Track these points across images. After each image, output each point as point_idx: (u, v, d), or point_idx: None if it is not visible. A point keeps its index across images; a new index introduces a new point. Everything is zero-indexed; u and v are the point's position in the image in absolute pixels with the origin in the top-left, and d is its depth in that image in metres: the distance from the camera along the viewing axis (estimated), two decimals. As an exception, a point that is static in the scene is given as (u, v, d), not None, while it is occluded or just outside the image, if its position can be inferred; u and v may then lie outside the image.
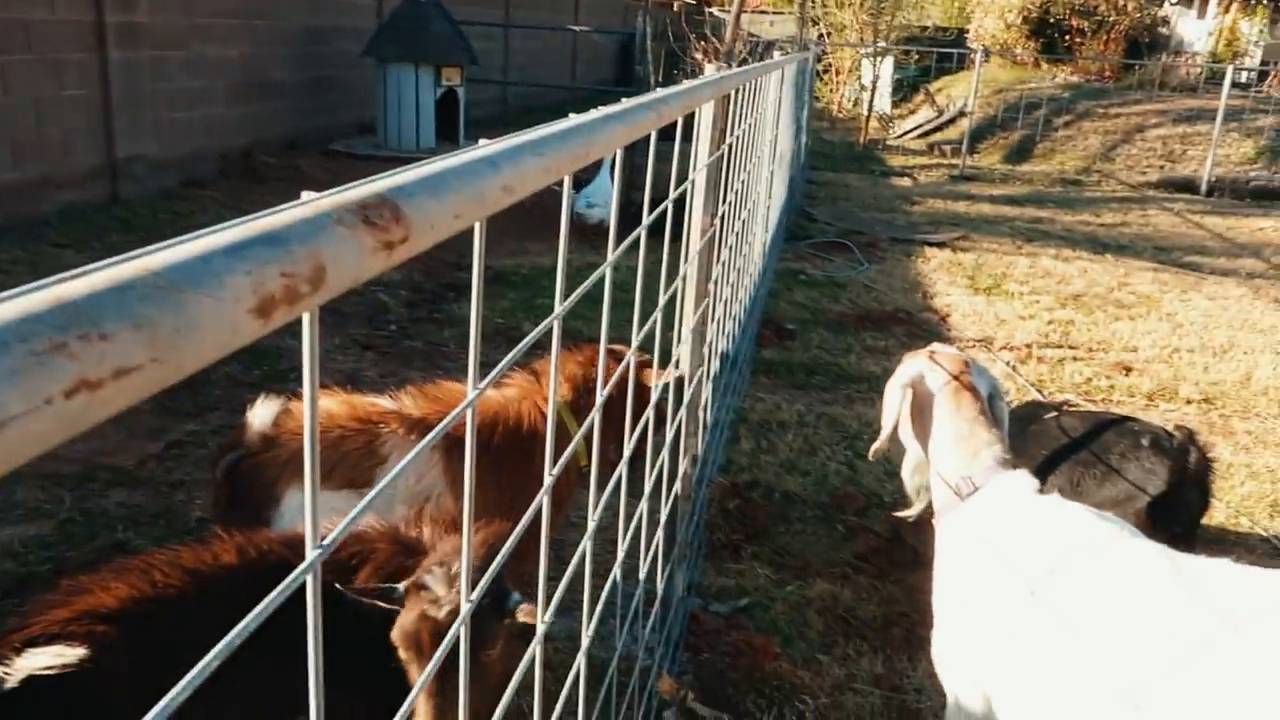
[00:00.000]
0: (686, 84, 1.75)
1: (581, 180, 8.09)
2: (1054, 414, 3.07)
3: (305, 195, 0.51)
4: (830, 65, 18.41)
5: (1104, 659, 1.64)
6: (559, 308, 1.05)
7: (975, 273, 7.48)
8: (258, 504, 2.25)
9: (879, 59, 16.50)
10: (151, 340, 0.35)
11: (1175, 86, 16.22)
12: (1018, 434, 3.11)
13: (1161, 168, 13.29)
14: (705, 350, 2.75)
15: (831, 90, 18.50)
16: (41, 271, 5.53)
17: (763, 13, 25.01)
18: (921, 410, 2.21)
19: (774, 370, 5.15)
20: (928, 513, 2.57)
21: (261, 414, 2.32)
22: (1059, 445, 2.88)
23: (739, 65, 9.38)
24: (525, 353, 0.95)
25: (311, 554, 0.59)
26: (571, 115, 1.05)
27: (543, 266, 6.87)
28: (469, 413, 0.85)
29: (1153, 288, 7.27)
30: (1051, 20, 19.57)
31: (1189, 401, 5.02)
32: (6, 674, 1.38)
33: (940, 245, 8.35)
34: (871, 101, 15.81)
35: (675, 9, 22.90)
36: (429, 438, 0.78)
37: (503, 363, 0.96)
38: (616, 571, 1.63)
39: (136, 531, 3.29)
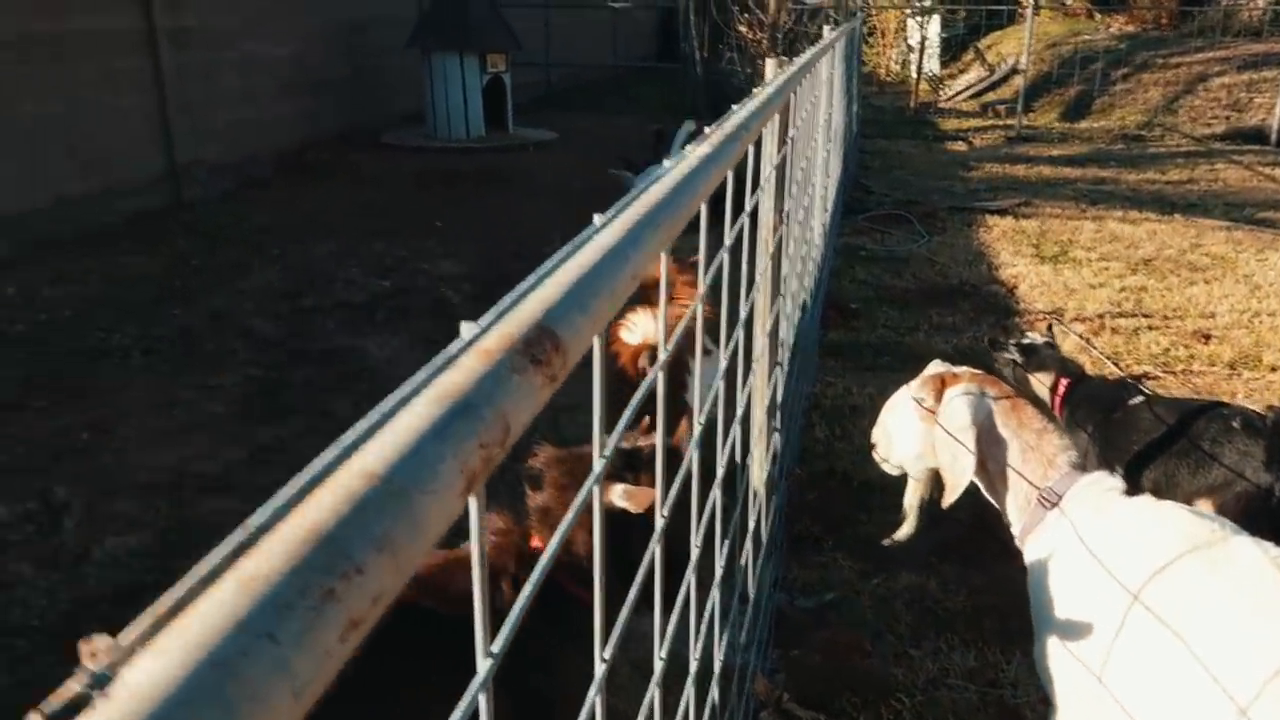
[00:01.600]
0: (759, 96, 1.72)
1: (642, 163, 8.01)
2: (1138, 399, 3.00)
3: (464, 329, 0.51)
4: (874, 28, 18.03)
5: (1209, 663, 1.61)
6: (661, 357, 1.01)
7: (1040, 240, 7.31)
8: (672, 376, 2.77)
9: (925, 18, 16.13)
10: (394, 559, 0.34)
11: (1238, 31, 15.57)
12: (1100, 423, 3.05)
13: (1228, 118, 12.82)
14: (781, 350, 2.73)
15: (877, 54, 18.13)
16: (116, 281, 5.65)
17: (805, -24, 24.53)
18: (979, 435, 2.16)
19: (841, 352, 5.11)
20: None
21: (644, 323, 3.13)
22: (1147, 436, 2.81)
23: (785, 37, 9.25)
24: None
25: (484, 667, 0.57)
26: (677, 158, 1.02)
27: (599, 253, 6.87)
28: (596, 491, 0.79)
29: (1227, 248, 7.03)
30: (1105, -33, 18.89)
31: (1274, 369, 4.86)
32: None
33: (1001, 212, 8.17)
34: (920, 63, 15.46)
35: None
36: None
37: (621, 422, 0.95)
38: (717, 573, 1.64)
39: (230, 540, 3.39)
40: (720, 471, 1.61)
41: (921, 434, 2.25)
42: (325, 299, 5.83)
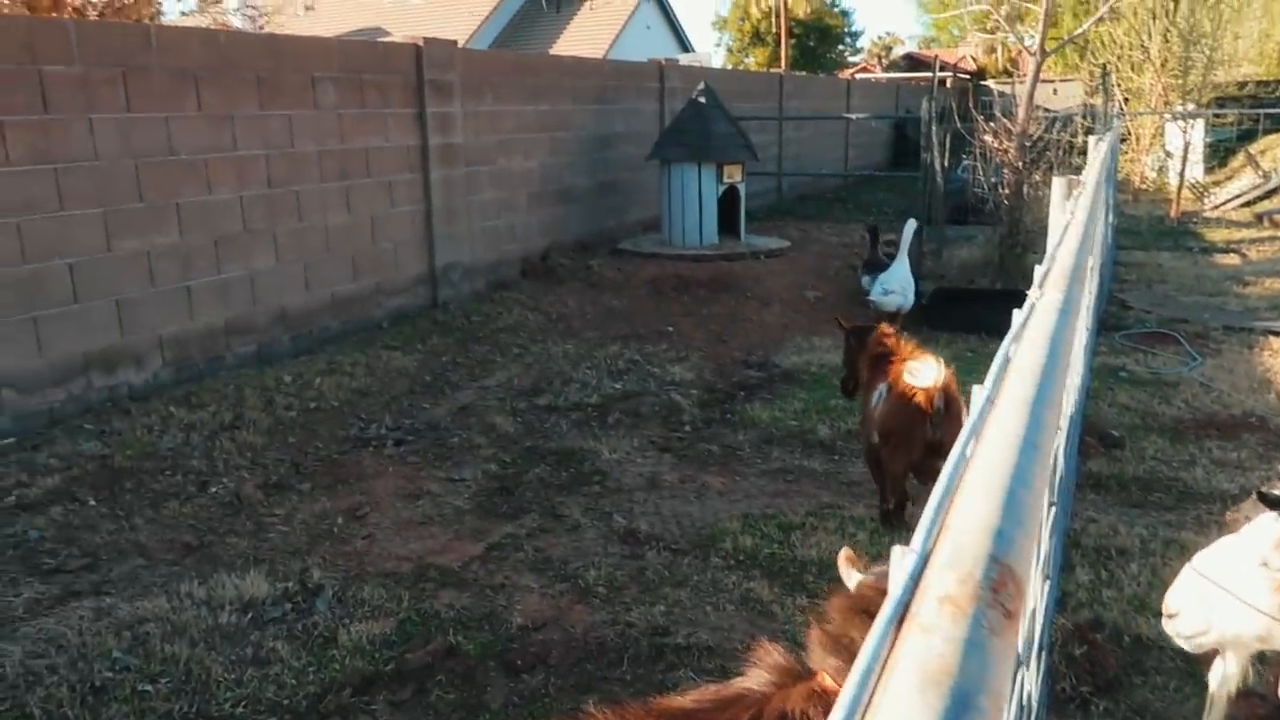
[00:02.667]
0: (1072, 229, 1.58)
1: (877, 264, 7.96)
2: None
3: (897, 555, 0.42)
4: (1129, 133, 17.06)
5: None
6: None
7: (1340, 367, 6.44)
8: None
9: (1188, 123, 15.08)
10: None
11: None
12: None
13: None
14: (1057, 484, 2.47)
15: (1131, 160, 17.09)
16: (377, 374, 6.05)
17: (1047, 81, 23.76)
18: None
19: (1103, 485, 4.64)
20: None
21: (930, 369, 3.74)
22: None
23: (1033, 146, 8.87)
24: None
25: None
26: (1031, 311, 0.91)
27: (831, 364, 6.70)
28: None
29: None
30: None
31: None
32: None
33: (1288, 334, 7.31)
34: (1183, 170, 14.40)
35: (948, 86, 22.33)
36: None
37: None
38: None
39: (465, 635, 3.44)
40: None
41: (1272, 608, 1.90)
42: (561, 399, 6.00)
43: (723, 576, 3.85)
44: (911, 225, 7.95)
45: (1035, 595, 2.35)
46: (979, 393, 0.63)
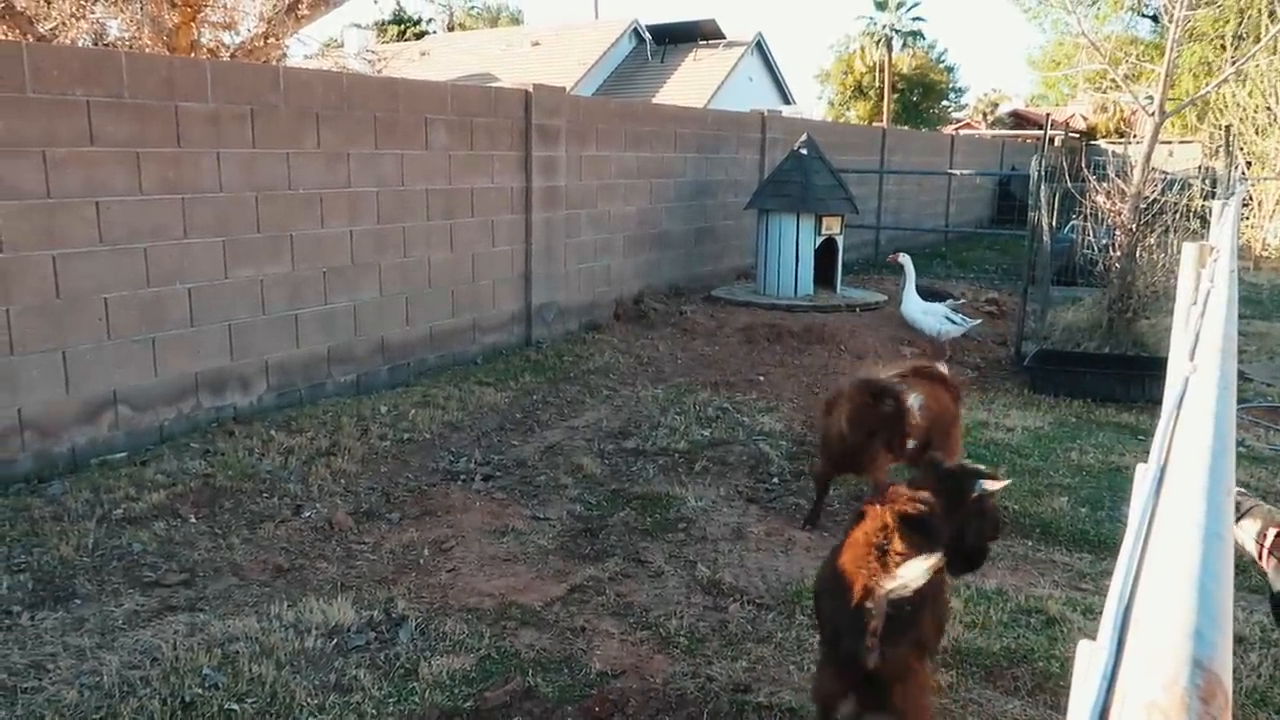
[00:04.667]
0: (1215, 297, 1.49)
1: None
2: None
3: (1084, 650, 0.38)
4: (1250, 198, 16.37)
5: None
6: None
7: None
8: None
9: (1316, 190, 14.38)
10: None
11: None
12: None
13: None
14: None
15: (1252, 226, 16.39)
16: (469, 408, 6.11)
17: (1164, 143, 23.04)
18: None
19: (1219, 567, 4.37)
20: None
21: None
22: None
23: (1148, 209, 8.57)
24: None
25: None
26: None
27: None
28: None
29: None
30: None
31: None
32: None
33: None
34: (1309, 238, 13.72)
35: (1057, 144, 21.83)
36: None
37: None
38: None
39: (544, 677, 3.40)
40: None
41: None
42: (649, 443, 5.97)
43: (808, 635, 3.74)
44: (907, 259, 8.86)
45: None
46: (1142, 473, 0.58)
